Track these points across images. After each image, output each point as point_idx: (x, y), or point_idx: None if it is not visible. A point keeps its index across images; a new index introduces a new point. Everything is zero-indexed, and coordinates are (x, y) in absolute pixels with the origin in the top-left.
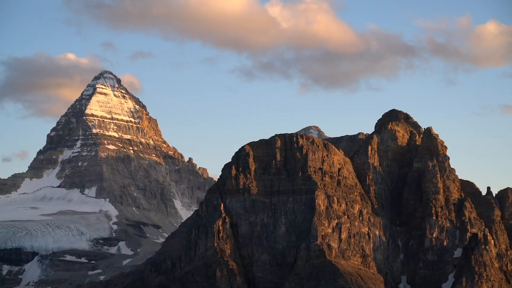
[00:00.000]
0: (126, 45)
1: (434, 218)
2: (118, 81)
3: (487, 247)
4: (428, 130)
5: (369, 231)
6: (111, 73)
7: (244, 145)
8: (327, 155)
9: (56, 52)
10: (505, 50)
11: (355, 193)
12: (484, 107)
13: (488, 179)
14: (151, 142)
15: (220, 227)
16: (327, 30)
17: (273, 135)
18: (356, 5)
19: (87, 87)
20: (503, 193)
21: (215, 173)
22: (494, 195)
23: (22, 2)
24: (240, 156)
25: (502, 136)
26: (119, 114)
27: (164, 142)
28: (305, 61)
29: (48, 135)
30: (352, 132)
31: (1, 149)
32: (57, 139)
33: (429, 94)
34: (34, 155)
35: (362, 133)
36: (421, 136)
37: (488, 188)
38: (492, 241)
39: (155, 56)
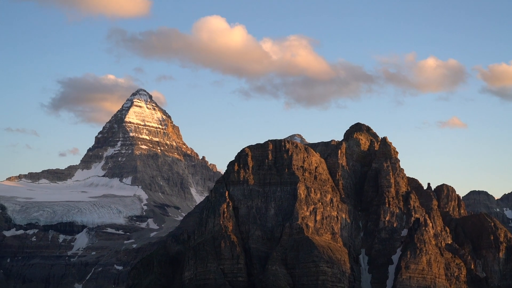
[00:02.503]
0: (152, 70)
1: (387, 205)
2: (150, 96)
3: (426, 228)
4: (384, 139)
5: (338, 215)
6: (145, 91)
7: (244, 148)
8: (307, 156)
9: (100, 73)
10: (441, 80)
11: (328, 186)
12: (424, 123)
13: (429, 176)
14: (174, 144)
15: (225, 209)
16: (306, 61)
17: (266, 140)
18: (329, 42)
19: (126, 101)
20: (440, 188)
21: (222, 168)
22: (432, 189)
23: (75, 35)
24: (241, 156)
25: (439, 144)
26: (150, 122)
27: (184, 144)
28: (289, 85)
29: (96, 137)
30: (326, 139)
31: (59, 147)
32: (102, 140)
33: (383, 111)
34: (85, 152)
35: (334, 140)
36: (378, 143)
37: (428, 184)
38: (430, 224)
39: (175, 79)
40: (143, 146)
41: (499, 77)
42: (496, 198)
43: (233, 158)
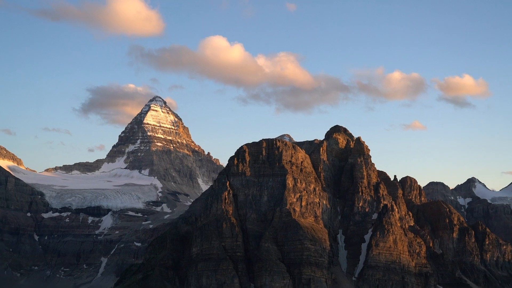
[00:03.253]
0: (166, 80)
1: (360, 194)
2: (164, 102)
3: (393, 213)
4: (358, 138)
5: (319, 201)
6: (160, 97)
7: (242, 145)
8: (294, 153)
9: (122, 83)
10: (405, 89)
11: (311, 177)
12: (391, 125)
13: (395, 170)
14: (184, 142)
15: (226, 196)
16: (293, 74)
17: (261, 139)
18: (312, 58)
19: (144, 106)
20: (404, 179)
21: (224, 162)
22: (398, 180)
23: (101, 51)
24: (240, 152)
25: (403, 143)
26: (165, 123)
27: (192, 142)
28: (279, 94)
29: (119, 136)
30: (310, 138)
31: (88, 143)
32: (124, 138)
33: (357, 116)
34: (110, 148)
35: (317, 140)
36: (353, 142)
37: (395, 176)
38: (396, 209)
39: (185, 88)
40: (159, 144)
41: (453, 87)
42: (450, 188)
43: (233, 154)
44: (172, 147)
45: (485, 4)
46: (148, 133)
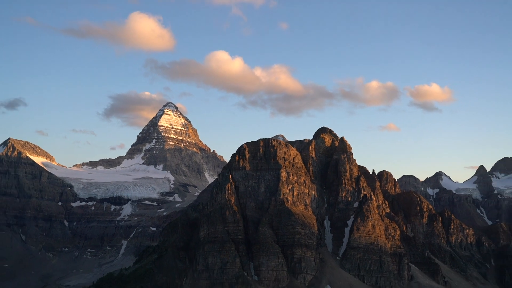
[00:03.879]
0: (176, 89)
1: (344, 185)
2: (176, 107)
3: (371, 202)
4: (341, 138)
5: (309, 192)
6: (172, 103)
7: (243, 144)
8: (287, 150)
9: (139, 91)
10: (381, 96)
11: (302, 171)
12: (369, 127)
13: (373, 165)
14: (193, 141)
15: (229, 188)
16: (286, 83)
17: (258, 139)
18: (302, 69)
19: (159, 110)
20: (381, 173)
21: (227, 158)
22: (376, 174)
23: (121, 64)
24: (241, 149)
25: (380, 142)
26: (176, 125)
27: (200, 141)
28: (273, 100)
29: (137, 136)
30: (300, 138)
31: (110, 143)
32: (142, 138)
33: (341, 119)
34: (129, 146)
35: (306, 139)
36: (338, 141)
37: (373, 170)
38: (374, 198)
39: (193, 95)
40: (171, 143)
41: (422, 94)
42: (421, 180)
43: (235, 151)
44: (182, 146)
45: (449, 21)
46: (162, 134)
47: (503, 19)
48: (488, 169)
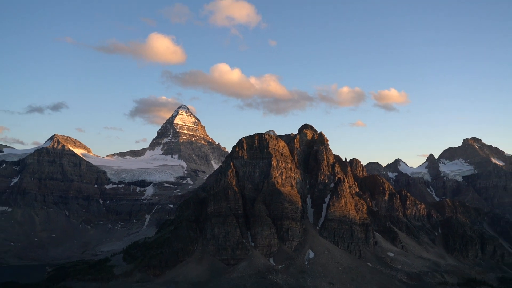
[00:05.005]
0: (188, 94)
1: (322, 170)
2: (188, 109)
3: (344, 183)
4: (320, 133)
5: (294, 175)
6: (185, 105)
7: (241, 138)
8: (277, 142)
9: (158, 95)
10: (351, 99)
11: (288, 159)
12: (342, 123)
13: (346, 154)
14: (202, 136)
15: (231, 173)
16: (275, 89)
17: (254, 133)
18: (288, 78)
19: (174, 111)
20: (352, 160)
21: (229, 149)
22: (347, 161)
23: (142, 74)
24: (240, 142)
25: (350, 135)
26: (188, 123)
27: (207, 136)
28: (265, 103)
29: (157, 132)
30: (287, 133)
31: (135, 137)
32: (161, 133)
33: (319, 117)
34: (151, 140)
35: (292, 134)
36: (317, 135)
37: (345, 158)
38: (346, 181)
39: (201, 99)
40: (184, 137)
41: (383, 97)
42: (383, 166)
43: (235, 144)
44: (193, 139)
45: (403, 38)
46: (177, 130)
47: (449, 37)
48: (436, 157)
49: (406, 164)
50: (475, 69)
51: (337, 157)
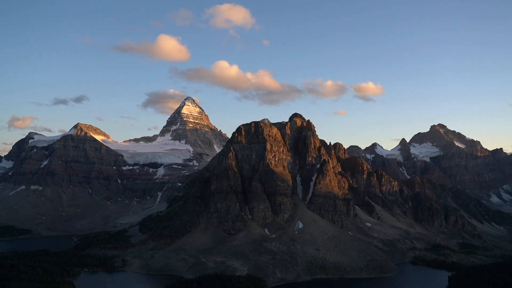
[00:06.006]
0: (192, 87)
1: (310, 153)
2: (193, 100)
3: (328, 164)
4: (308, 120)
5: (286, 157)
6: (190, 97)
7: (240, 125)
8: (270, 129)
9: (167, 88)
10: (334, 91)
11: (281, 144)
12: (326, 112)
13: (330, 138)
14: (205, 123)
15: (231, 155)
16: (269, 83)
17: (251, 121)
18: (280, 73)
19: (181, 103)
20: (335, 144)
21: (229, 135)
22: (332, 145)
23: (153, 71)
24: (238, 129)
25: (334, 122)
26: (193, 113)
27: (210, 123)
28: (260, 95)
29: (167, 120)
30: (279, 121)
31: (147, 125)
32: (170, 122)
33: (307, 107)
34: (161, 127)
35: (284, 121)
36: (306, 123)
37: (330, 142)
38: (330, 162)
39: (204, 92)
40: (190, 125)
41: (362, 90)
42: (362, 149)
43: (235, 130)
44: (198, 127)
45: (379, 37)
46: (184, 119)
47: (420, 38)
48: (407, 141)
49: (381, 147)
50: (442, 65)
51: (322, 142)
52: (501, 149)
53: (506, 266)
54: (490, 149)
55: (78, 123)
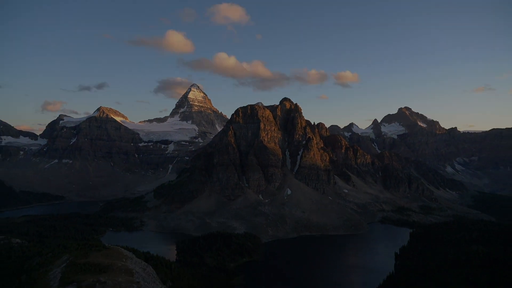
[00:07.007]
0: (197, 75)
1: (297, 131)
2: (198, 87)
3: (312, 141)
4: (296, 104)
5: (277, 135)
6: (196, 84)
7: (238, 108)
8: (264, 111)
9: (175, 76)
10: (317, 79)
11: (273, 124)
12: (310, 96)
13: (314, 119)
14: (209, 106)
15: (230, 134)
16: (262, 71)
17: (247, 104)
18: (271, 63)
19: (187, 89)
20: (319, 124)
21: (229, 116)
22: (315, 124)
23: (162, 62)
24: (237, 111)
25: (318, 105)
26: (198, 97)
27: (213, 106)
28: (255, 82)
29: (176, 104)
30: (272, 104)
31: (159, 108)
32: (178, 105)
33: (295, 92)
34: (171, 110)
35: (275, 105)
36: (294, 106)
37: (314, 122)
38: (314, 138)
39: (206, 80)
40: (196, 108)
41: (341, 77)
42: (341, 128)
43: (233, 112)
44: (202, 109)
45: (357, 32)
46: (190, 103)
47: (388, 32)
48: (379, 121)
49: (357, 127)
50: (406, 56)
51: (308, 122)
52: (455, 128)
53: (456, 223)
54: (447, 128)
55: (100, 106)
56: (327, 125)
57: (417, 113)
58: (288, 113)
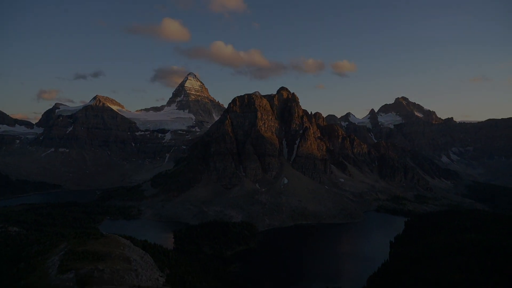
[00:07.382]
0: (193, 64)
1: (294, 120)
2: (195, 75)
3: (309, 130)
4: (293, 93)
5: (274, 124)
6: (192, 73)
7: (235, 97)
8: (261, 100)
9: (172, 64)
10: (314, 68)
11: (270, 113)
12: (308, 86)
13: (311, 108)
14: (205, 95)
15: (227, 123)
16: (259, 60)
17: (244, 94)
18: (268, 52)
19: (184, 77)
20: (316, 113)
21: (226, 105)
22: (313, 113)
23: (159, 50)
24: (234, 100)
25: (315, 94)
26: (195, 86)
27: (210, 95)
28: (252, 71)
29: (172, 92)
30: (269, 93)
31: (156, 96)
32: (175, 94)
33: (292, 81)
34: (168, 99)
35: (272, 94)
36: (291, 95)
37: (311, 112)
38: (311, 128)
39: (203, 68)
40: (193, 96)
41: (338, 67)
42: (338, 117)
43: (230, 101)
44: (199, 98)
45: (355, 22)
46: (187, 91)
47: (387, 22)
48: (376, 111)
49: (354, 116)
50: (404, 47)
51: (305, 111)
52: (451, 118)
53: (450, 212)
54: (443, 118)
55: (96, 95)
56: (324, 115)
57: (414, 103)
58: (285, 103)
